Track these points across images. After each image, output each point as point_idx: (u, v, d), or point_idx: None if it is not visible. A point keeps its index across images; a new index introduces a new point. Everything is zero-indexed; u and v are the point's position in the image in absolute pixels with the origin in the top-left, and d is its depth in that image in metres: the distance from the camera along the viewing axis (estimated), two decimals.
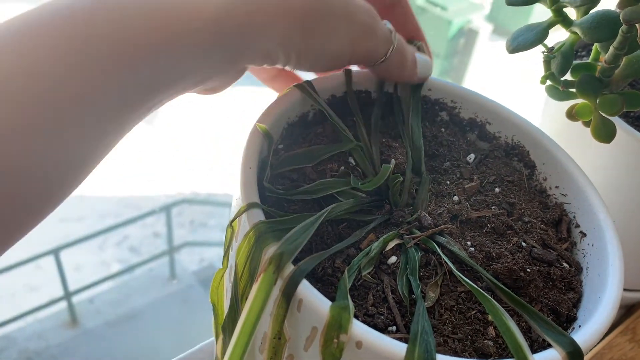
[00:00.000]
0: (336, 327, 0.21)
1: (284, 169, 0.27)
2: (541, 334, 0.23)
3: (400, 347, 0.21)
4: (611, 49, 0.27)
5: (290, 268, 0.22)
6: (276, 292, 0.22)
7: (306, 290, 0.22)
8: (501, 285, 0.24)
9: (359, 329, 0.21)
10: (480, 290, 0.24)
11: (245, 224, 0.23)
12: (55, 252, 2.43)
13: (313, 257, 0.23)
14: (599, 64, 0.30)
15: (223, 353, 0.23)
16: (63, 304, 2.53)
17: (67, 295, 2.49)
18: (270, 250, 0.22)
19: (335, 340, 0.21)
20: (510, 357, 0.22)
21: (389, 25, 0.27)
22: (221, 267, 0.25)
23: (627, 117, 0.36)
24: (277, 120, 0.28)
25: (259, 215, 0.23)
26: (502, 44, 0.31)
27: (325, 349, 0.21)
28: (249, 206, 0.23)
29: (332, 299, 0.22)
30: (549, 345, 0.23)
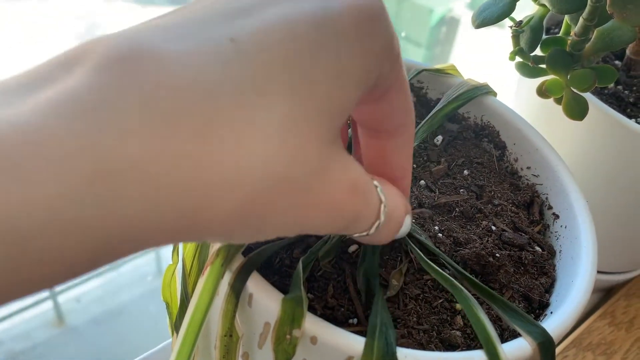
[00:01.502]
0: (289, 322, 0.19)
1: None
2: (510, 323, 0.22)
3: (359, 341, 0.19)
4: (580, 20, 0.26)
5: (240, 260, 0.20)
6: (225, 286, 0.20)
7: (257, 283, 0.20)
8: (468, 275, 0.23)
9: (314, 323, 0.19)
10: (449, 277, 0.22)
11: None
12: None
13: (266, 247, 0.22)
14: (570, 38, 0.29)
15: None
16: (49, 304, 2.50)
17: (53, 294, 2.47)
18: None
19: (288, 337, 0.19)
20: (479, 349, 0.21)
21: (380, 194, 0.19)
22: (171, 263, 0.24)
23: (601, 95, 0.35)
24: None
25: None
26: (484, 31, 0.29)
27: (278, 345, 0.19)
28: None
29: (288, 292, 0.20)
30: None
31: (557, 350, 0.37)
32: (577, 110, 0.28)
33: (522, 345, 0.20)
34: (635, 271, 0.42)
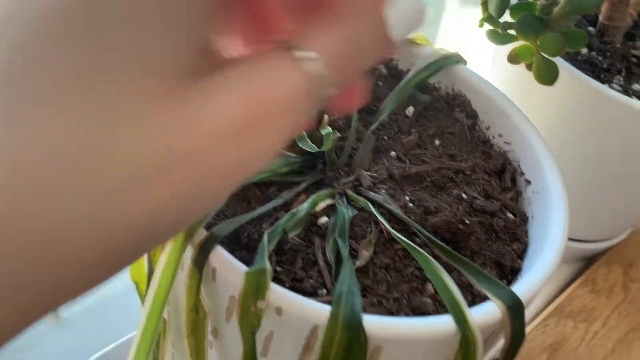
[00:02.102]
0: (253, 294, 0.19)
1: None
2: (480, 288, 0.22)
3: (324, 310, 0.19)
4: None
5: (202, 234, 0.20)
6: (188, 260, 0.20)
7: (220, 257, 0.20)
8: (438, 241, 0.23)
9: (278, 294, 0.19)
10: (415, 246, 0.22)
11: None
12: None
13: (229, 221, 0.21)
14: (539, 2, 0.29)
15: None
16: None
17: None
18: None
19: (253, 308, 0.19)
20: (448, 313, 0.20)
21: (301, 54, 0.13)
22: None
23: (574, 61, 0.35)
24: None
25: None
26: (471, 11, 0.29)
27: (243, 318, 0.19)
28: None
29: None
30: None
31: (538, 319, 0.37)
32: (547, 75, 0.28)
33: (491, 308, 0.20)
34: (616, 239, 0.42)
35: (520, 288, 0.21)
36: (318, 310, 0.19)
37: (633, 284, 0.40)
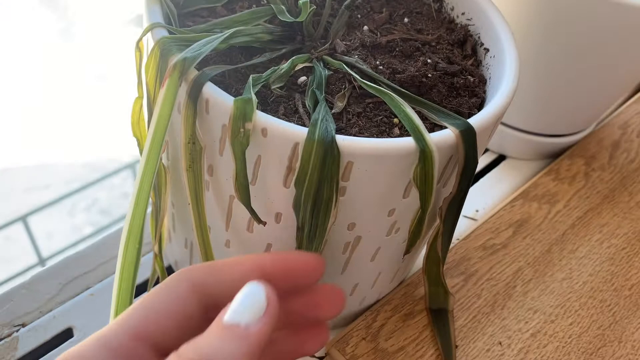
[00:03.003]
0: (241, 117, 0.22)
1: (194, 7, 0.28)
2: (439, 121, 0.25)
3: (303, 130, 0.22)
4: None
5: (194, 73, 0.23)
6: (183, 96, 0.23)
7: (211, 90, 0.23)
8: (401, 89, 0.26)
9: (263, 118, 0.22)
10: (382, 88, 0.25)
11: (152, 45, 0.24)
12: (24, 219, 2.39)
13: (219, 65, 0.24)
14: None
15: None
16: (38, 270, 2.51)
17: (41, 261, 2.48)
18: (174, 58, 0.23)
19: (242, 130, 0.22)
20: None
21: None
22: (137, 96, 0.26)
23: None
24: None
25: (163, 34, 0.24)
26: None
27: (234, 139, 0.22)
28: (153, 25, 0.24)
29: None
30: None
31: (506, 201, 0.40)
32: None
33: (446, 133, 0.24)
34: (581, 133, 0.46)
35: (473, 120, 0.24)
36: (297, 131, 0.22)
37: (594, 172, 0.43)
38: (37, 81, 1.57)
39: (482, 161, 0.46)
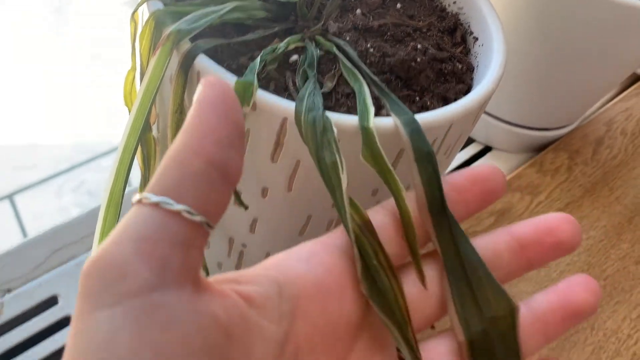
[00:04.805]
0: (240, 99, 0.22)
1: None
2: (391, 112, 0.24)
3: (291, 104, 0.23)
4: None
5: (188, 44, 0.23)
6: (175, 65, 0.23)
7: (204, 62, 0.23)
8: (373, 76, 0.26)
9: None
10: (351, 68, 0.25)
11: (147, 16, 0.24)
12: (10, 197, 2.38)
13: (212, 39, 0.25)
14: None
15: None
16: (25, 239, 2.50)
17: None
18: (168, 29, 0.23)
19: None
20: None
21: None
22: (130, 67, 0.26)
23: None
24: None
25: (158, 6, 0.25)
26: None
27: None
28: None
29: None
30: None
31: None
32: None
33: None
34: (567, 128, 0.47)
35: (457, 104, 0.25)
36: (287, 105, 0.22)
37: (577, 166, 0.44)
38: (27, 60, 1.55)
39: (469, 152, 0.47)
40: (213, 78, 0.18)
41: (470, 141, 0.47)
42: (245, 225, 0.29)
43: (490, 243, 0.23)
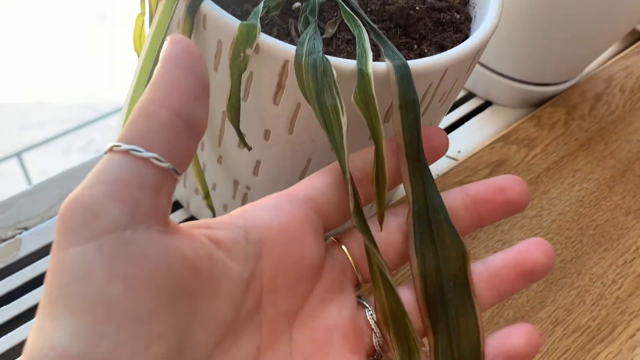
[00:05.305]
0: (243, 42, 0.23)
1: None
2: (384, 56, 0.25)
3: (292, 47, 0.24)
4: None
5: None
6: (182, 9, 0.24)
7: (210, 6, 0.24)
8: (371, 24, 0.27)
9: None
10: (352, 13, 0.26)
11: None
12: (19, 155, 2.41)
13: None
14: None
15: None
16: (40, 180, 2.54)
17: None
18: None
19: (242, 54, 0.23)
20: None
21: None
22: (140, 13, 0.27)
23: None
24: None
25: None
26: None
27: (233, 62, 0.23)
28: None
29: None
30: None
31: (486, 142, 0.42)
32: None
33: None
34: (566, 84, 0.47)
35: (453, 51, 0.26)
36: (288, 48, 0.24)
37: (574, 121, 0.45)
38: (35, 19, 1.55)
39: (469, 106, 0.47)
40: (178, 35, 0.19)
41: (470, 96, 0.48)
42: (249, 168, 0.30)
43: (446, 200, 0.24)
